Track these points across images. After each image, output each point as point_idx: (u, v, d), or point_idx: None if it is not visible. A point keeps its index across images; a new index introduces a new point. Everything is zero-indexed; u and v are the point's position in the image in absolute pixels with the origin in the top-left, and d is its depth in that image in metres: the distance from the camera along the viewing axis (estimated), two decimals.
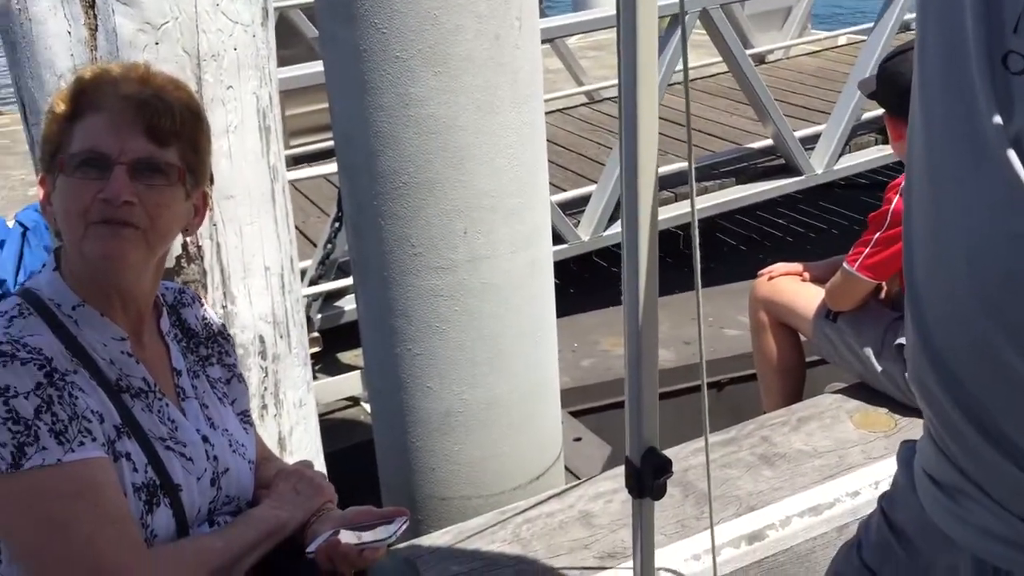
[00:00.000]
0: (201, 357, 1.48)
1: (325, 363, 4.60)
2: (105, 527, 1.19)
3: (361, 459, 3.47)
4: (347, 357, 4.80)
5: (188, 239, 2.01)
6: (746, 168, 6.04)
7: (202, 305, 1.55)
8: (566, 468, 3.52)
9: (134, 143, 1.26)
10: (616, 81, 5.90)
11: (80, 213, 1.25)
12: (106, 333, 1.31)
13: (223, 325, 1.57)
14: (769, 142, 6.02)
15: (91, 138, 1.26)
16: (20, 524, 1.20)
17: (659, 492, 1.49)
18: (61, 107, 1.30)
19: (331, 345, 4.61)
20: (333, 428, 2.92)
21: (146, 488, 1.26)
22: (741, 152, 6.17)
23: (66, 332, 1.27)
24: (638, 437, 1.47)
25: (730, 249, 6.37)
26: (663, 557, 1.88)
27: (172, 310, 1.47)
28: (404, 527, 1.33)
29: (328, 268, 4.75)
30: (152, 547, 1.25)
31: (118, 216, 1.24)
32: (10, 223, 3.57)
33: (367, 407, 4.33)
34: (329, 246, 4.67)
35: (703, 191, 5.59)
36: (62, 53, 1.81)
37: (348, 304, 4.74)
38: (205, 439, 1.38)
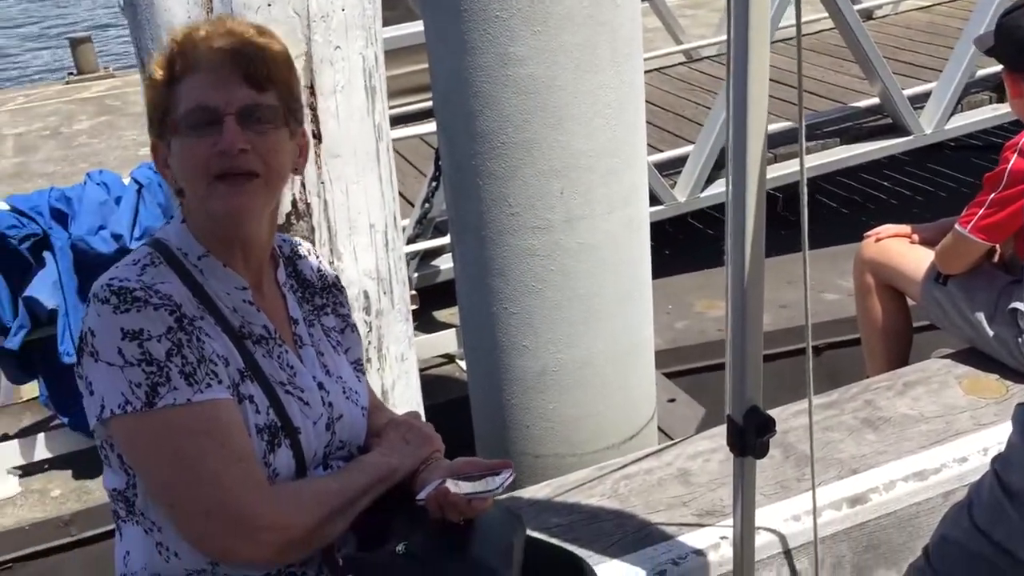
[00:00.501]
0: (316, 307, 1.52)
1: (421, 321, 4.67)
2: (231, 465, 1.25)
3: (456, 415, 3.53)
4: (442, 315, 4.88)
5: (297, 197, 2.07)
6: (850, 128, 5.85)
7: (317, 257, 1.60)
8: (659, 429, 3.52)
9: (237, 92, 1.30)
10: (716, 39, 5.80)
11: (201, 170, 1.29)
12: (229, 282, 1.37)
13: (337, 277, 1.61)
14: (875, 101, 5.81)
15: (196, 96, 1.30)
16: (153, 459, 1.27)
17: (761, 451, 1.48)
18: (160, 73, 1.34)
19: (427, 303, 4.69)
20: (429, 384, 2.98)
21: (268, 429, 1.32)
22: (846, 111, 5.98)
23: (193, 280, 1.33)
24: (741, 395, 1.46)
25: (830, 212, 6.21)
26: (763, 517, 1.87)
27: (288, 261, 1.52)
28: (511, 479, 1.36)
29: (425, 227, 4.81)
30: (275, 485, 1.30)
31: (237, 166, 1.29)
32: (126, 180, 3.72)
33: (462, 364, 4.41)
34: (426, 205, 4.73)
35: (805, 152, 5.45)
36: (180, 14, 1.88)
37: (444, 263, 4.80)
38: (320, 385, 1.43)
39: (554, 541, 1.76)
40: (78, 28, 12.44)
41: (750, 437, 1.46)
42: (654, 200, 4.88)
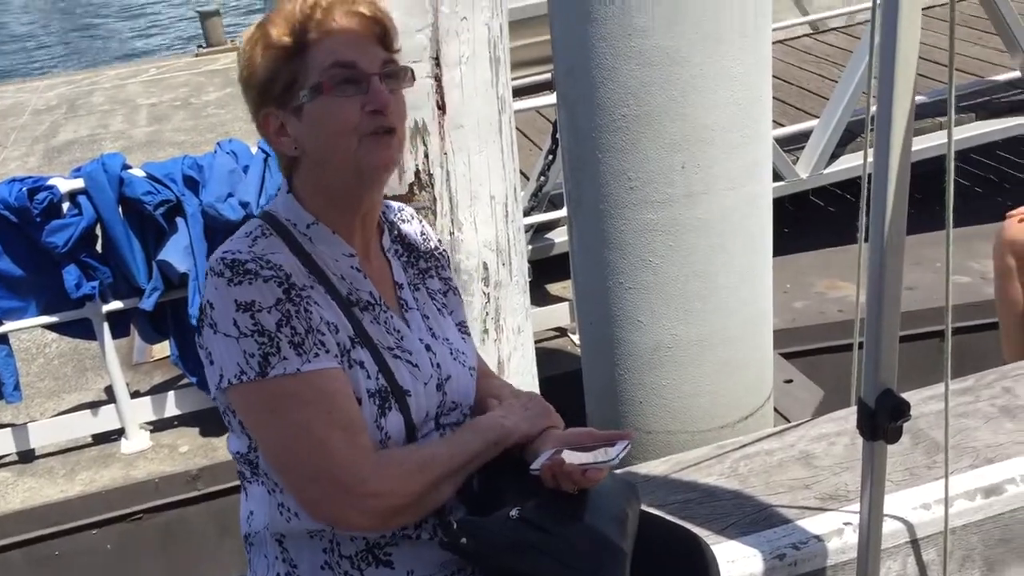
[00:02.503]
0: (421, 270, 1.54)
1: (534, 294, 4.67)
2: (337, 431, 1.28)
3: (567, 388, 3.53)
4: (555, 288, 4.88)
5: (420, 168, 2.09)
6: (987, 103, 5.56)
7: (421, 222, 1.61)
8: (775, 410, 3.45)
9: (377, 54, 1.34)
10: (844, 10, 5.58)
11: (350, 129, 1.31)
12: (337, 249, 1.39)
13: (439, 240, 1.63)
14: (1016, 74, 5.50)
15: (340, 57, 1.31)
16: (266, 426, 1.31)
17: (894, 436, 1.43)
18: (285, 40, 1.33)
19: (540, 276, 4.69)
20: (541, 357, 2.98)
21: (379, 394, 1.34)
22: (983, 85, 5.69)
23: (302, 249, 1.36)
24: (875, 378, 1.41)
25: (964, 190, 5.92)
26: (891, 504, 1.81)
27: (392, 227, 1.54)
28: (627, 450, 1.34)
29: (540, 200, 4.81)
30: (379, 452, 1.32)
31: (386, 123, 1.32)
32: (253, 150, 3.83)
33: (575, 338, 4.40)
34: (542, 178, 4.73)
35: (936, 127, 5.21)
36: None
37: (558, 236, 4.80)
38: (428, 348, 1.44)
39: (671, 518, 1.73)
40: (209, 1, 12.83)
41: (882, 421, 1.41)
42: (775, 176, 4.74)
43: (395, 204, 1.60)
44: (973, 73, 5.84)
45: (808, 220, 5.64)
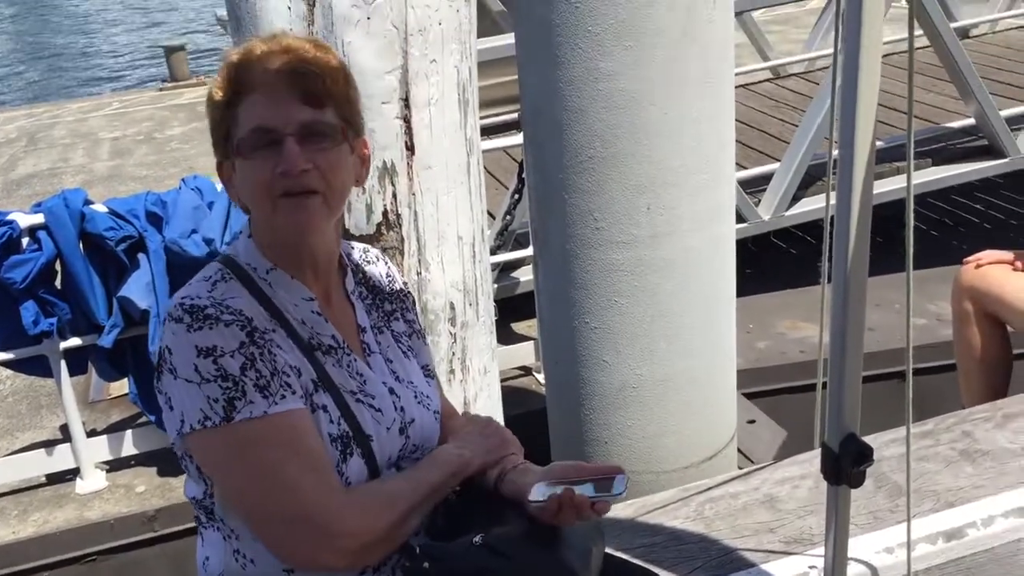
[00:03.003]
0: (386, 312, 1.54)
1: (499, 332, 4.66)
2: (307, 473, 1.27)
3: (532, 427, 3.52)
4: (520, 327, 4.88)
5: (388, 208, 2.09)
6: (943, 149, 5.70)
7: (387, 263, 1.61)
8: (739, 450, 3.46)
9: (295, 112, 1.29)
10: (804, 56, 5.69)
11: (264, 189, 1.30)
12: (297, 294, 1.38)
13: (405, 283, 1.62)
14: (971, 121, 5.65)
15: (255, 118, 1.30)
16: (232, 471, 1.29)
17: (857, 480, 1.44)
18: (219, 95, 1.34)
19: (505, 314, 4.70)
20: (506, 395, 2.97)
21: (341, 439, 1.33)
22: (938, 131, 5.83)
23: (262, 294, 1.35)
24: (838, 422, 1.43)
25: (920, 234, 6.04)
26: (854, 547, 1.81)
27: (357, 269, 1.54)
28: (627, 483, 1.34)
29: (506, 239, 4.83)
30: (348, 491, 1.31)
31: (299, 185, 1.29)
32: (219, 186, 3.81)
33: (540, 377, 4.40)
34: (508, 217, 4.75)
35: (895, 172, 5.32)
36: (283, 27, 1.91)
37: (523, 275, 4.81)
38: (392, 391, 1.44)
39: (637, 561, 1.73)
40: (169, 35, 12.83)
41: (846, 465, 1.42)
42: (738, 218, 4.81)
43: (359, 245, 1.59)
44: (928, 120, 5.99)
45: (771, 261, 5.72)
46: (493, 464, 1.46)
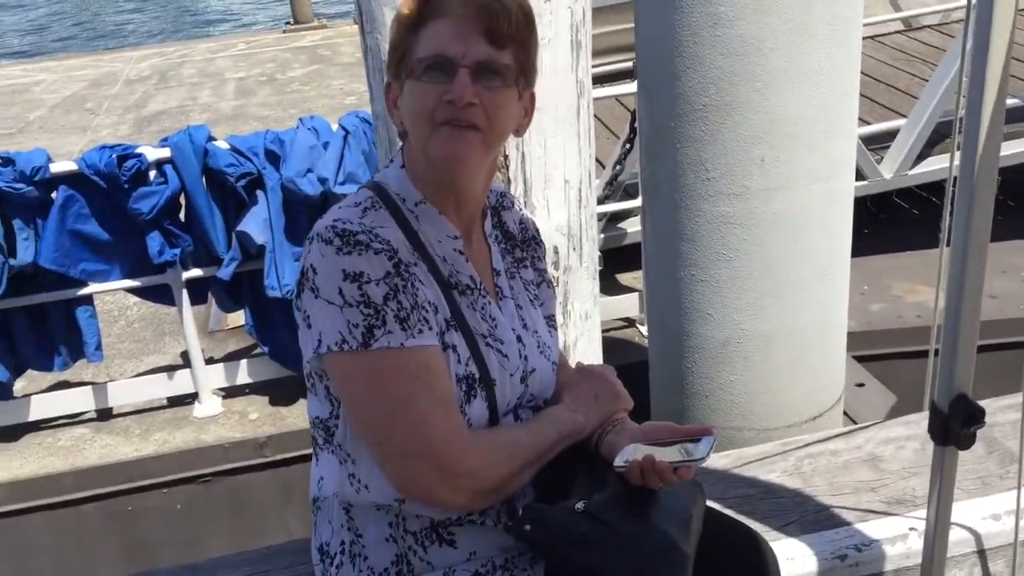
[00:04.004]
0: (517, 259, 1.54)
1: (604, 283, 4.65)
2: (436, 408, 1.29)
3: (633, 379, 3.50)
4: (625, 279, 4.86)
5: None
6: None
7: (521, 209, 1.60)
8: (845, 413, 3.38)
9: (476, 46, 1.30)
10: (939, 7, 5.37)
11: (427, 114, 1.31)
12: (442, 230, 1.39)
13: (537, 230, 1.61)
14: None
15: (436, 43, 1.31)
16: (365, 397, 1.30)
17: (967, 442, 1.39)
18: (406, 11, 1.35)
19: (611, 265, 4.68)
20: (608, 346, 2.97)
21: (466, 379, 1.34)
22: None
23: (409, 226, 1.36)
24: (950, 381, 1.38)
25: None
26: (960, 512, 1.76)
27: (494, 212, 1.54)
28: (713, 446, 1.33)
29: (615, 189, 4.78)
30: (474, 432, 1.33)
31: (462, 117, 1.30)
32: (334, 127, 3.89)
33: (643, 329, 4.38)
34: (618, 167, 4.70)
35: (1017, 134, 5.02)
36: None
37: (630, 226, 4.77)
38: (519, 338, 1.44)
39: (730, 513, 1.72)
40: None
41: (955, 426, 1.37)
42: (858, 175, 4.65)
43: (497, 189, 1.58)
44: None
45: (890, 222, 5.50)
46: (605, 426, 1.46)
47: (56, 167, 3.65)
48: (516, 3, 1.34)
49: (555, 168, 2.17)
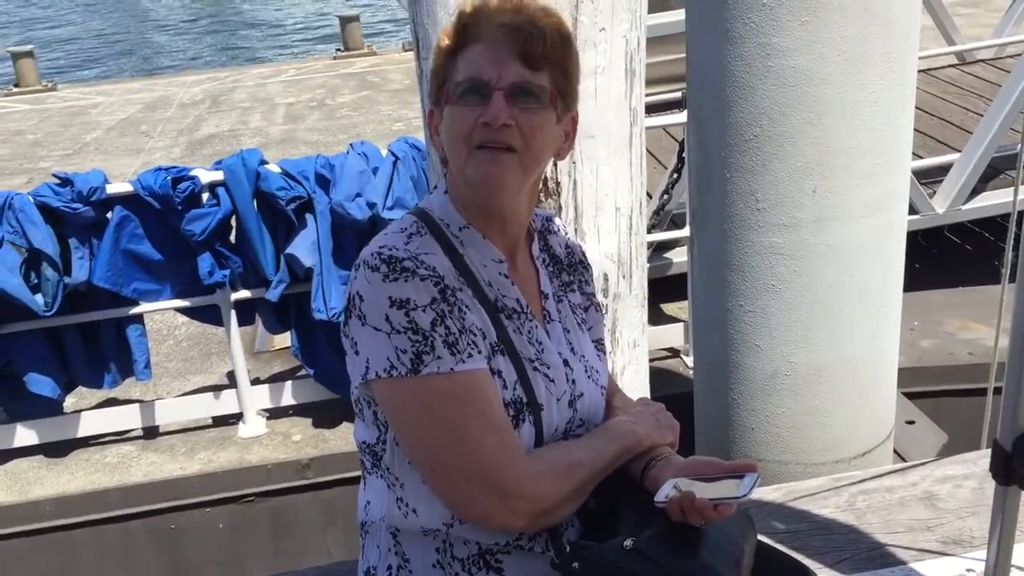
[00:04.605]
0: (564, 283, 1.53)
1: (648, 312, 4.63)
2: (490, 433, 1.28)
3: (677, 410, 3.46)
4: (670, 308, 4.83)
5: (548, 175, 2.10)
6: None
7: (567, 233, 1.60)
8: (895, 451, 3.32)
9: (510, 69, 1.30)
10: (994, 41, 5.29)
11: (464, 138, 1.32)
12: (487, 254, 1.39)
13: (584, 253, 1.61)
14: None
15: (472, 67, 1.32)
16: (417, 423, 1.30)
17: None
18: (446, 42, 1.37)
19: (656, 295, 4.65)
20: (653, 376, 2.95)
21: (513, 404, 1.33)
22: None
23: (454, 251, 1.36)
24: (1013, 420, 1.34)
25: None
26: (1020, 554, 1.71)
27: (541, 236, 1.53)
28: (757, 483, 1.30)
29: (662, 219, 4.77)
30: (530, 454, 1.31)
31: (497, 139, 1.30)
32: (384, 152, 3.93)
33: (687, 360, 4.34)
34: (665, 196, 4.69)
35: None
36: None
37: (677, 256, 4.75)
38: (566, 362, 1.43)
39: (781, 547, 1.68)
40: (347, 6, 13.28)
41: (1019, 465, 1.34)
42: (910, 209, 4.59)
43: (543, 212, 1.58)
44: None
45: (942, 257, 5.42)
46: (651, 449, 1.43)
47: (112, 188, 3.72)
48: (552, 25, 1.35)
49: (606, 196, 2.16)
